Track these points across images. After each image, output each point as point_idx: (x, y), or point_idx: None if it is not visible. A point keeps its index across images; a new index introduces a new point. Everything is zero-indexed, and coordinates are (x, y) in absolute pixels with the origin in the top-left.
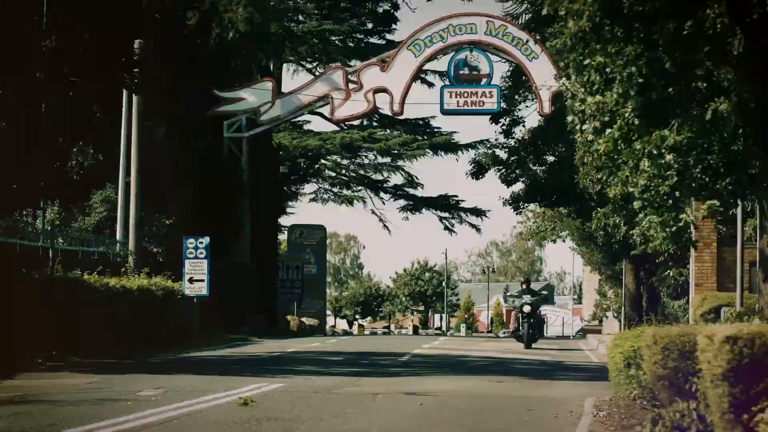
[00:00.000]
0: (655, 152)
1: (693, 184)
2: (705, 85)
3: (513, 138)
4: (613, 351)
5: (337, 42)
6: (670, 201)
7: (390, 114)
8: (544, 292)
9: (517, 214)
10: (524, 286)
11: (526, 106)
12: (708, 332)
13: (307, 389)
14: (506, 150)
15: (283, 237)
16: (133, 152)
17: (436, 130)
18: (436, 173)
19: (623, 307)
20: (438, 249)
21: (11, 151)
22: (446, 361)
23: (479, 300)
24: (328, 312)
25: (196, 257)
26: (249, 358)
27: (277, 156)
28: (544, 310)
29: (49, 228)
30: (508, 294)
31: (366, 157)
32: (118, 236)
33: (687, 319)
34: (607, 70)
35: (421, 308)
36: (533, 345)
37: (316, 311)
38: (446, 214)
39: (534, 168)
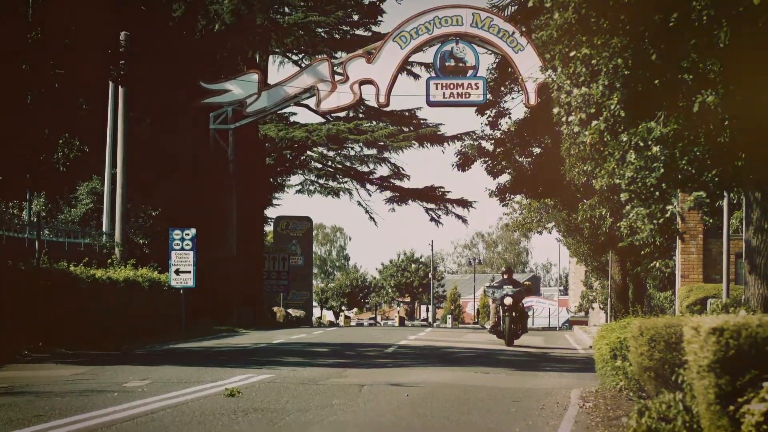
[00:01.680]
0: (641, 144)
1: (679, 176)
2: (691, 77)
3: (499, 129)
4: (599, 342)
5: (323, 34)
6: (657, 193)
7: (376, 105)
8: (528, 282)
9: (503, 205)
10: (505, 276)
11: (512, 98)
12: (694, 324)
13: (294, 380)
14: (492, 141)
15: (269, 228)
16: (119, 144)
17: (422, 121)
18: (422, 165)
19: (609, 299)
20: (424, 240)
21: None
22: (432, 352)
23: (465, 291)
24: (315, 303)
25: (182, 249)
26: (235, 349)
27: (263, 147)
28: (530, 300)
29: (35, 219)
30: (489, 285)
31: (352, 148)
32: (105, 228)
33: (673, 310)
34: (593, 62)
35: (408, 299)
36: (516, 342)
37: (303, 302)
38: (432, 206)
39: (520, 159)
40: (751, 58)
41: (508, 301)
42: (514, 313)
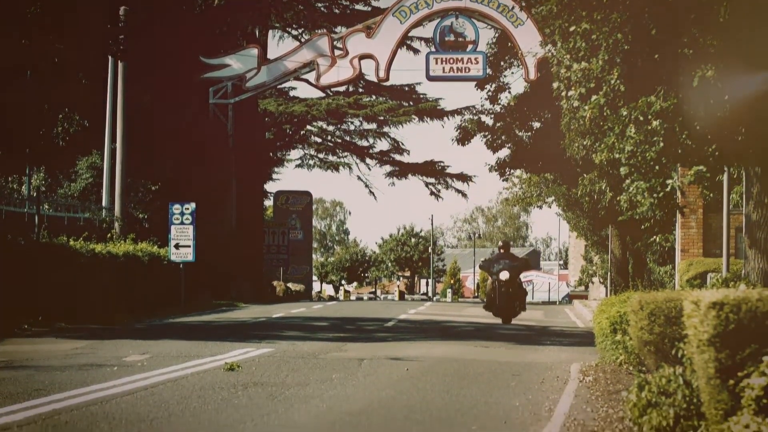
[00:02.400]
0: (641, 118)
1: (679, 150)
2: (691, 51)
3: (499, 104)
4: (599, 317)
5: (322, 8)
6: (657, 167)
7: (376, 80)
8: (526, 257)
9: (503, 180)
10: (502, 251)
11: (512, 73)
12: (694, 298)
13: (293, 354)
14: (492, 116)
15: (269, 203)
16: (119, 119)
17: (421, 96)
18: (422, 139)
19: (609, 273)
20: (424, 215)
21: None
22: (432, 326)
23: (465, 266)
24: (314, 278)
25: (182, 223)
26: (235, 323)
27: (263, 122)
28: (529, 275)
29: (35, 194)
30: (484, 260)
31: (352, 123)
32: (104, 202)
33: (673, 284)
34: (593, 36)
35: (407, 274)
36: (514, 320)
37: (302, 277)
38: (432, 180)
39: (520, 134)
40: (750, 32)
41: (504, 276)
42: (510, 290)
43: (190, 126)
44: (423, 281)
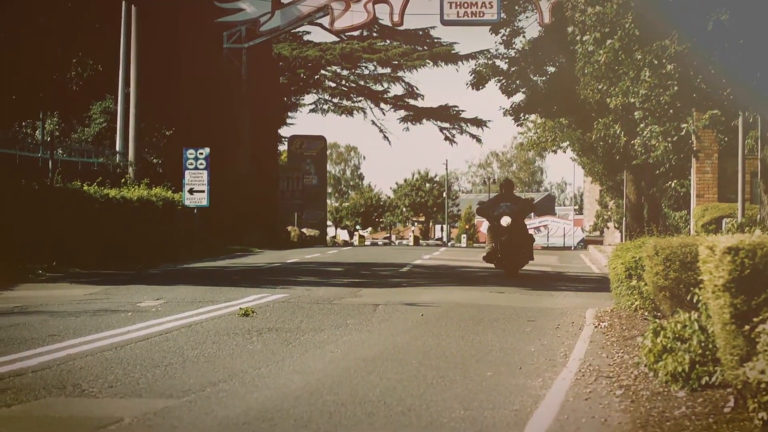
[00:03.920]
0: (655, 62)
1: (694, 94)
2: None
3: (513, 48)
4: (614, 262)
5: None
6: (671, 111)
7: (390, 24)
8: (531, 196)
9: (517, 125)
10: (503, 191)
11: (526, 17)
12: (709, 243)
13: (308, 300)
14: (506, 60)
15: (283, 148)
16: (132, 63)
17: (436, 40)
18: (436, 84)
19: (624, 218)
20: (438, 160)
21: (10, 64)
22: (447, 271)
23: None
24: (329, 223)
25: (196, 168)
26: (249, 268)
27: (277, 66)
28: (544, 220)
29: (49, 139)
30: (481, 203)
31: (366, 67)
32: (118, 147)
33: (688, 230)
34: None
35: (422, 219)
36: (526, 267)
37: (317, 222)
38: (447, 125)
39: (534, 78)
40: None
41: (505, 221)
42: (514, 236)
43: (204, 70)
44: (438, 226)
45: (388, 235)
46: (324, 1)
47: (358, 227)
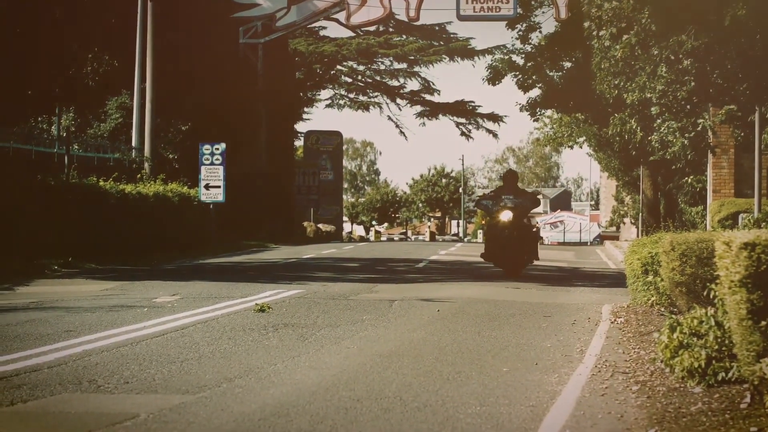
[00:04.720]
0: (672, 57)
1: (711, 89)
2: None
3: (530, 44)
4: (630, 257)
5: None
6: (688, 106)
7: (406, 20)
8: (538, 190)
9: (534, 120)
10: (506, 183)
11: (543, 12)
12: (726, 239)
13: (324, 295)
14: (523, 56)
15: (299, 143)
16: (148, 59)
17: (452, 35)
18: (452, 79)
19: (641, 214)
20: (455, 155)
21: (27, 59)
22: (463, 267)
23: None
24: (345, 218)
25: (212, 163)
26: (265, 264)
27: (293, 62)
28: (560, 215)
29: (65, 134)
30: (481, 196)
31: (382, 62)
32: (134, 142)
33: (705, 225)
34: None
35: (438, 214)
36: (536, 263)
37: (333, 217)
38: (463, 120)
39: (551, 74)
40: None
41: (506, 216)
42: (516, 233)
43: (220, 66)
44: (454, 222)
45: (404, 230)
46: None
47: (374, 223)
